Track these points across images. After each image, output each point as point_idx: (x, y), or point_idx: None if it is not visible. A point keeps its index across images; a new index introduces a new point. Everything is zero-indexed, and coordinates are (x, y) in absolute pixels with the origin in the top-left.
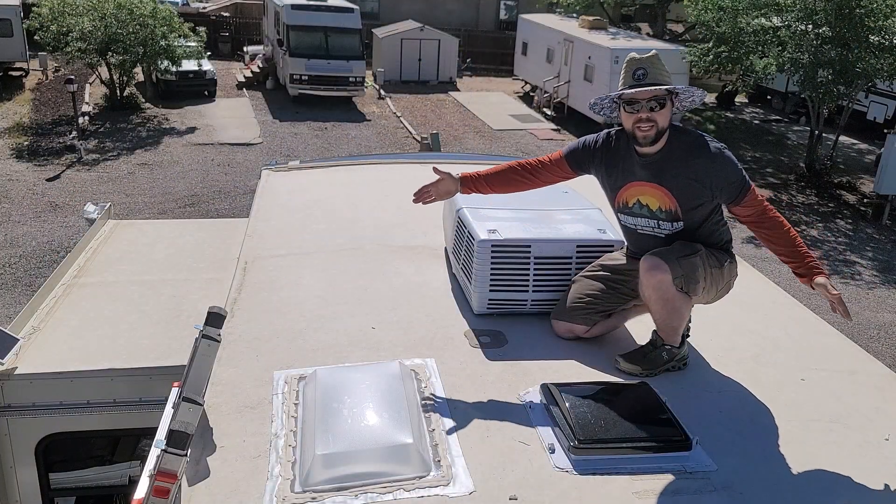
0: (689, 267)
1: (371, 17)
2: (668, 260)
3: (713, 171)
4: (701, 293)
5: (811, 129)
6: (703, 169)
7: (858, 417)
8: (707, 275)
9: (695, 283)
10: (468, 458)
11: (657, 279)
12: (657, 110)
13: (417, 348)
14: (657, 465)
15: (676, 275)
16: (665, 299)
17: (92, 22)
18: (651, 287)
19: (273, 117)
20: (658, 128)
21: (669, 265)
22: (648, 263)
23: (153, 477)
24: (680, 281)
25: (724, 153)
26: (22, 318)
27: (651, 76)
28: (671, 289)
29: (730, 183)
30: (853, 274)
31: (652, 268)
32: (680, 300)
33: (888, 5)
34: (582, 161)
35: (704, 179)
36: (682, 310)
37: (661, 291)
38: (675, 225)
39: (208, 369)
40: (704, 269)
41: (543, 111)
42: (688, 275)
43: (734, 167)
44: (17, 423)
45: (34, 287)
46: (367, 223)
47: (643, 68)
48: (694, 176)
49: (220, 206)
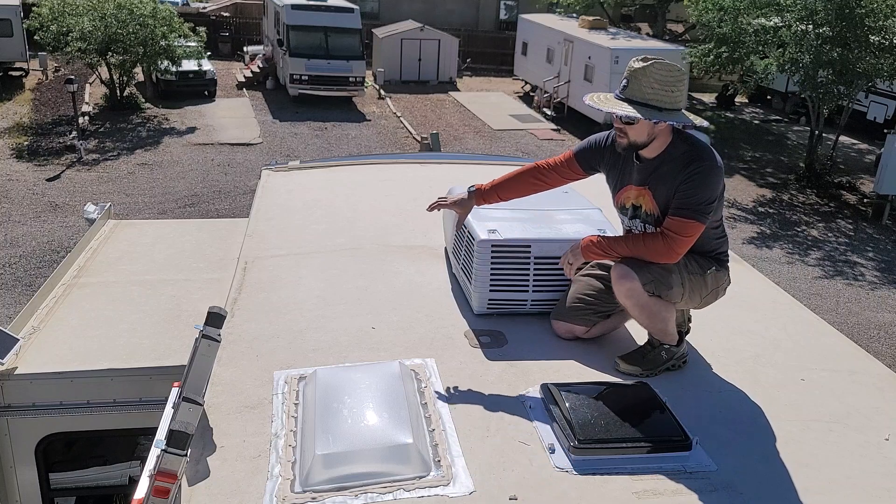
0: (658, 273)
1: (371, 17)
2: (637, 267)
3: (684, 180)
4: (680, 298)
5: (811, 129)
6: (680, 180)
7: (858, 417)
8: (684, 280)
9: (667, 287)
10: (468, 458)
11: (626, 287)
12: (631, 124)
13: (417, 348)
14: (657, 465)
15: (646, 280)
16: (640, 305)
17: (92, 22)
18: (623, 295)
19: (273, 117)
20: (629, 140)
21: (638, 272)
22: (617, 272)
23: (153, 477)
24: (651, 286)
25: (705, 174)
26: (22, 318)
27: (630, 90)
28: (643, 295)
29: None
30: (854, 274)
31: (620, 276)
32: (656, 304)
33: (888, 5)
34: (591, 160)
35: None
36: (661, 313)
37: (633, 298)
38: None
39: (208, 369)
40: (680, 275)
41: (543, 111)
42: (658, 280)
43: (700, 191)
44: (17, 423)
45: (34, 287)
46: (366, 223)
47: (627, 79)
48: (675, 187)
49: (220, 206)
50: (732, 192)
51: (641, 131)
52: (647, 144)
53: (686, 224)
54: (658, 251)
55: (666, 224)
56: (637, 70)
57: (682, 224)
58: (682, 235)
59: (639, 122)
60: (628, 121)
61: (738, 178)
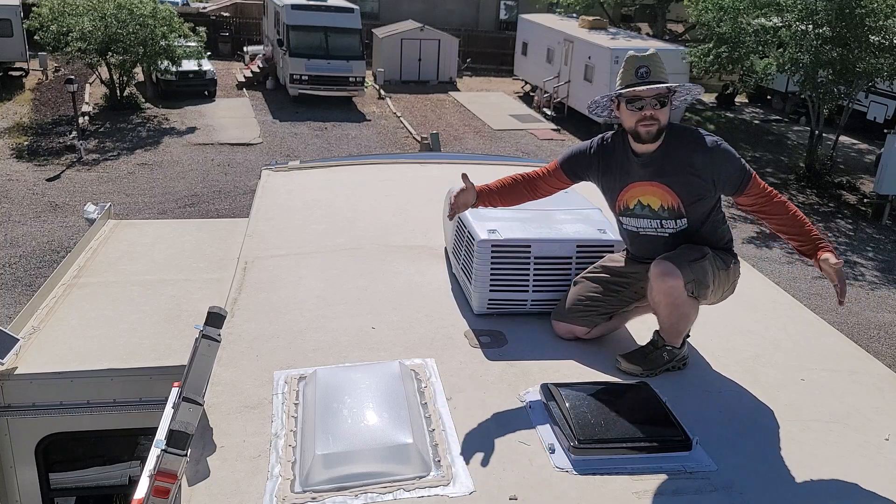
0: (699, 271)
1: (371, 17)
2: (680, 265)
3: (713, 165)
4: (709, 297)
5: (811, 129)
6: (702, 163)
7: (858, 417)
8: (716, 278)
9: (705, 287)
10: (468, 458)
11: (668, 285)
12: (659, 108)
13: (417, 348)
14: (657, 465)
15: (688, 279)
16: (675, 304)
17: (92, 22)
18: (662, 292)
19: (273, 117)
20: (660, 125)
21: (681, 270)
22: (660, 269)
23: (153, 477)
24: (691, 286)
25: (720, 146)
26: (22, 318)
27: (654, 74)
28: (682, 294)
29: (731, 174)
30: (854, 274)
31: (663, 273)
32: (689, 305)
33: (888, 5)
34: (577, 169)
35: (704, 174)
36: (690, 314)
37: (671, 297)
38: (678, 223)
39: (208, 369)
40: (714, 273)
41: (543, 111)
42: (698, 279)
43: (733, 158)
44: (17, 423)
45: (34, 287)
46: (366, 223)
47: (646, 66)
48: (694, 171)
49: (220, 206)
50: None
51: (667, 113)
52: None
53: (756, 179)
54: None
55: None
56: (651, 56)
57: (756, 182)
58: (770, 189)
59: (666, 104)
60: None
61: None
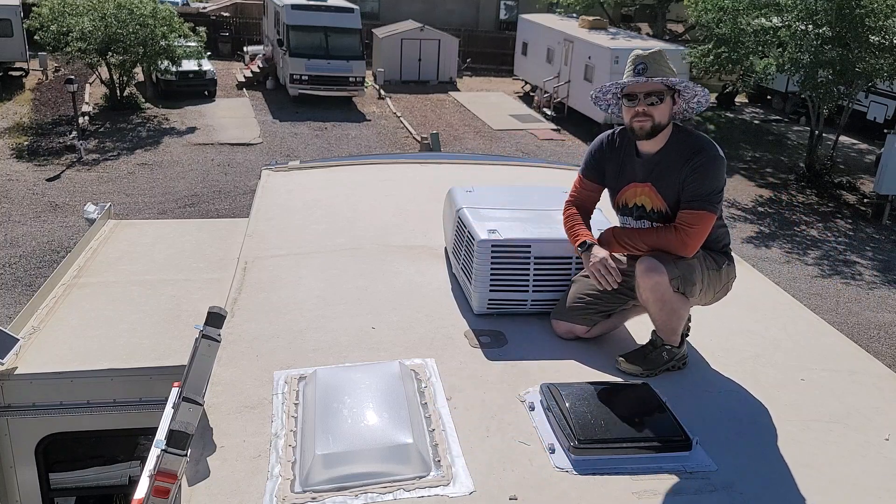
0: (686, 268)
1: (371, 17)
2: (665, 261)
3: (689, 173)
4: (698, 295)
5: (811, 129)
6: (686, 171)
7: (858, 417)
8: (704, 276)
9: (691, 284)
10: (468, 458)
11: (653, 281)
12: (656, 105)
13: (417, 348)
14: (657, 465)
15: (673, 276)
16: (662, 301)
17: (92, 22)
18: (648, 289)
19: (273, 117)
20: (654, 122)
21: (666, 266)
22: (645, 265)
23: (153, 477)
24: (677, 282)
25: (710, 164)
26: (22, 318)
27: (651, 71)
28: (668, 290)
29: (690, 188)
30: (853, 274)
31: (648, 269)
32: (677, 301)
33: (888, 5)
34: (598, 168)
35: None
36: (679, 311)
37: (657, 293)
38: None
39: (208, 369)
40: (701, 271)
41: (543, 111)
42: (684, 276)
43: (707, 182)
44: (17, 423)
45: (34, 287)
46: (366, 223)
47: (644, 63)
48: (680, 178)
49: (220, 206)
50: (732, 191)
51: (665, 112)
52: (665, 127)
53: (698, 215)
54: (672, 244)
55: (679, 218)
56: (653, 53)
57: (694, 216)
58: (696, 227)
59: (664, 102)
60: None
61: (737, 177)
